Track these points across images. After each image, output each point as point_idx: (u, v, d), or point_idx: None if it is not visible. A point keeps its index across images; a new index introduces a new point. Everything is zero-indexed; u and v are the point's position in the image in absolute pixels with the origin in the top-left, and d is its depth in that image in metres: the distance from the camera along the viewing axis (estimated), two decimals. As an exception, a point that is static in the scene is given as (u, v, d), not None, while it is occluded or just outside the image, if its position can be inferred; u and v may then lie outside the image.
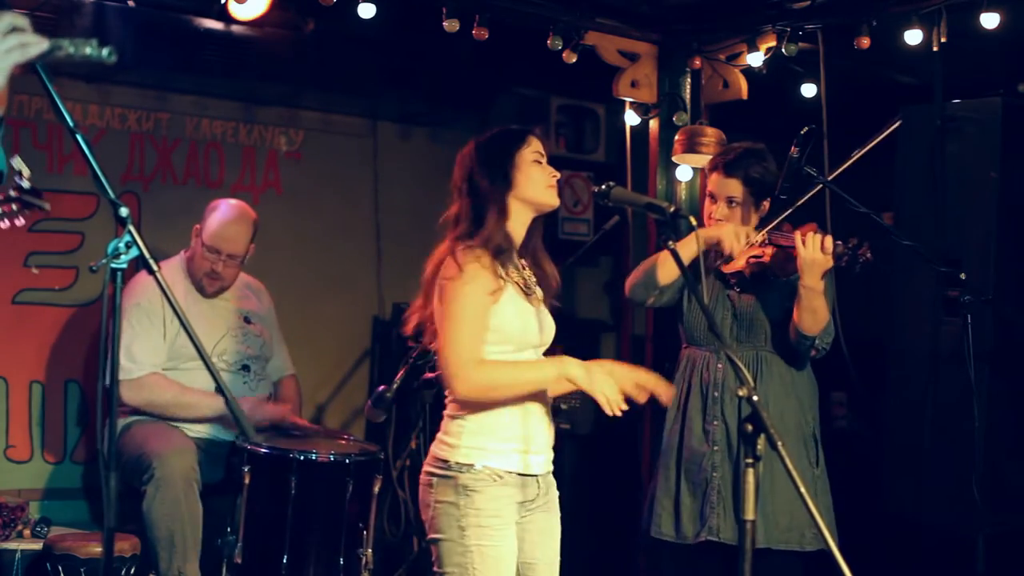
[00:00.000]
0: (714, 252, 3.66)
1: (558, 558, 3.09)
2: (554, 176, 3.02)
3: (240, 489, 3.87)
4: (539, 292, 3.07)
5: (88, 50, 1.94)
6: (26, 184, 3.13)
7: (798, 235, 3.47)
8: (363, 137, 5.72)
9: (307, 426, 4.45)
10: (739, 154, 3.70)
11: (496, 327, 2.92)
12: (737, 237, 3.60)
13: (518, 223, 3.02)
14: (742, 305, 3.69)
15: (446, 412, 3.03)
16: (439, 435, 3.02)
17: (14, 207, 3.14)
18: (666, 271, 3.65)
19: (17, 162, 3.13)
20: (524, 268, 3.07)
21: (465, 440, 2.95)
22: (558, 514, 3.10)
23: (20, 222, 3.15)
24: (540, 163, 3.02)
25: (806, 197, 3.69)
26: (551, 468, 3.08)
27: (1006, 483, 4.38)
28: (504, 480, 2.93)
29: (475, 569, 2.89)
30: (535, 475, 2.99)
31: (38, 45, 1.99)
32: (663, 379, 3.01)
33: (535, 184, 2.99)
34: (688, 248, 3.28)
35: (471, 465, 2.92)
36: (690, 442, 3.69)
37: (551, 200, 3.02)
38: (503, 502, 2.92)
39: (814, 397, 3.75)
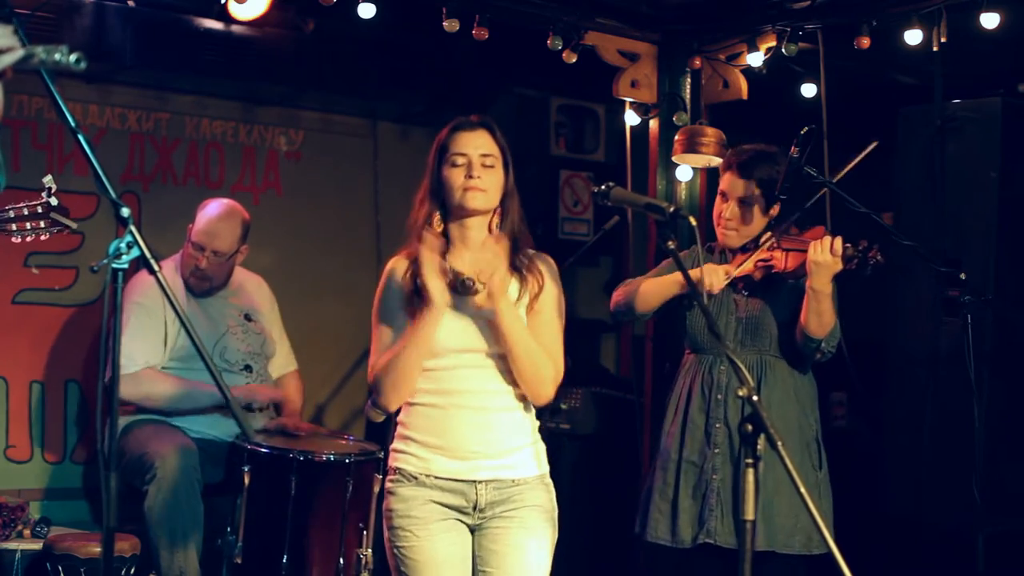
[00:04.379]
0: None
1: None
2: (468, 177, 2.91)
3: (240, 489, 3.87)
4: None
5: (58, 56, 1.95)
6: (54, 201, 3.15)
7: (815, 240, 3.47)
8: (363, 137, 5.72)
9: (307, 428, 4.43)
10: (752, 155, 3.71)
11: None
12: (716, 274, 3.62)
13: (459, 227, 2.97)
14: (748, 309, 3.69)
15: None
16: None
17: (42, 224, 3.17)
18: (643, 303, 3.73)
19: (47, 179, 3.16)
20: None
21: (395, 443, 3.00)
22: (533, 529, 2.96)
23: (44, 238, 3.17)
24: (458, 165, 2.94)
25: (812, 200, 3.69)
26: (515, 476, 2.94)
27: (1006, 483, 4.39)
28: (420, 482, 2.91)
29: (399, 573, 2.94)
30: (470, 481, 2.90)
31: (12, 54, 2.00)
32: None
33: (449, 189, 2.94)
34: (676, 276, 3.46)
35: (392, 467, 2.98)
36: (691, 444, 3.68)
37: (465, 203, 2.92)
38: (415, 503, 2.91)
39: (815, 400, 3.75)
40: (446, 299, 2.85)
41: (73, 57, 1.95)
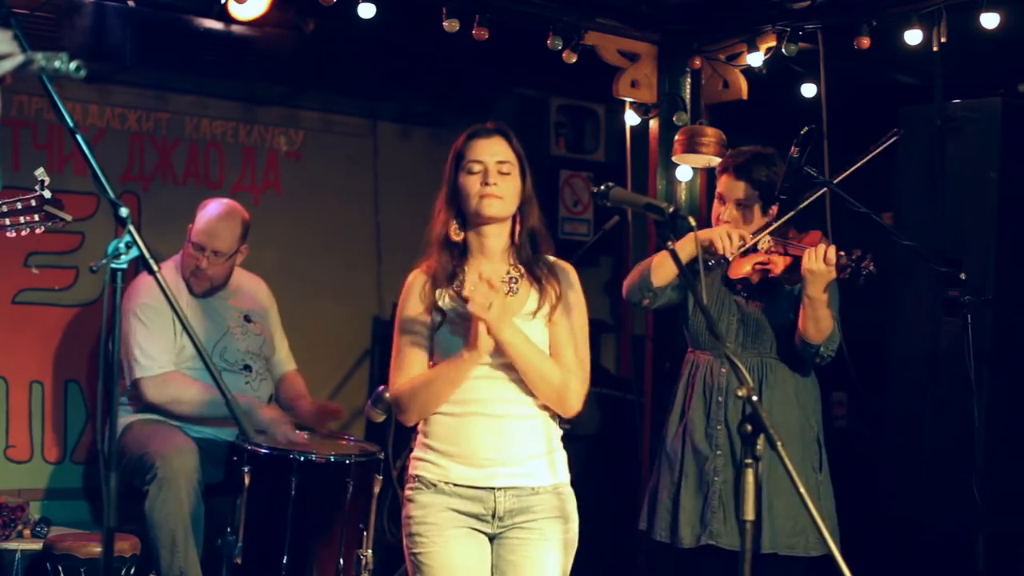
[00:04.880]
0: (712, 254, 3.65)
1: None
2: (485, 184, 2.91)
3: (240, 489, 3.87)
4: (517, 302, 2.95)
5: (57, 63, 1.94)
6: (47, 194, 3.15)
7: (809, 247, 3.47)
8: (363, 137, 5.72)
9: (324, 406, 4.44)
10: (748, 157, 3.70)
11: (435, 348, 2.95)
12: (730, 238, 3.60)
13: (476, 235, 2.98)
14: (749, 311, 3.69)
15: None
16: None
17: (36, 217, 3.17)
18: (660, 274, 3.66)
19: (40, 172, 3.16)
20: (507, 276, 2.97)
21: (415, 452, 3.01)
22: (552, 540, 2.96)
23: (39, 231, 3.17)
24: (474, 173, 2.93)
25: (809, 200, 3.69)
26: (535, 484, 2.94)
27: (1006, 483, 4.38)
28: (438, 489, 2.91)
29: None
30: (488, 488, 2.91)
31: (11, 60, 1.98)
32: None
33: (465, 197, 2.94)
34: (684, 250, 3.29)
35: (412, 475, 2.98)
36: (692, 446, 3.68)
37: (481, 211, 2.92)
38: (433, 510, 2.91)
39: (817, 403, 3.75)
40: (489, 349, 2.85)
41: (73, 65, 1.94)
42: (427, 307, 2.95)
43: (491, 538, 2.96)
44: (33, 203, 3.17)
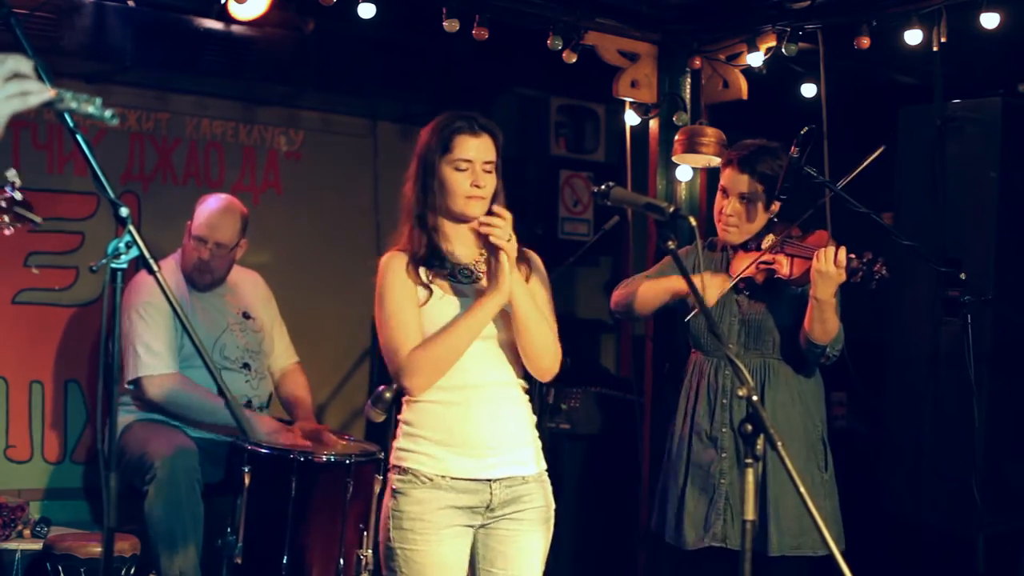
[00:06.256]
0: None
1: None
2: (474, 186, 2.92)
3: (240, 489, 3.87)
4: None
5: (91, 109, 1.92)
6: (18, 195, 3.12)
7: (819, 248, 3.46)
8: (363, 137, 5.72)
9: (316, 428, 4.41)
10: (753, 150, 3.70)
11: (425, 330, 2.93)
12: (713, 286, 3.61)
13: (453, 224, 3.00)
14: (751, 312, 3.68)
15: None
16: None
17: (6, 218, 3.14)
18: (640, 305, 3.79)
19: (11, 173, 3.14)
20: (480, 258, 3.01)
21: (401, 443, 2.99)
22: (539, 529, 2.99)
23: (8, 232, 3.14)
24: (461, 170, 2.94)
25: (817, 205, 3.70)
26: (525, 473, 2.97)
27: (1006, 483, 4.38)
28: (434, 483, 2.90)
29: (399, 572, 2.93)
30: (485, 480, 2.91)
31: (39, 95, 1.96)
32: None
33: (450, 195, 2.95)
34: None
35: (401, 468, 2.96)
36: (698, 448, 3.68)
37: (467, 211, 2.94)
38: (429, 506, 2.89)
39: (821, 401, 3.75)
40: (509, 290, 2.88)
41: (108, 112, 1.93)
42: (413, 283, 2.96)
43: (476, 526, 2.96)
44: (3, 204, 3.15)
